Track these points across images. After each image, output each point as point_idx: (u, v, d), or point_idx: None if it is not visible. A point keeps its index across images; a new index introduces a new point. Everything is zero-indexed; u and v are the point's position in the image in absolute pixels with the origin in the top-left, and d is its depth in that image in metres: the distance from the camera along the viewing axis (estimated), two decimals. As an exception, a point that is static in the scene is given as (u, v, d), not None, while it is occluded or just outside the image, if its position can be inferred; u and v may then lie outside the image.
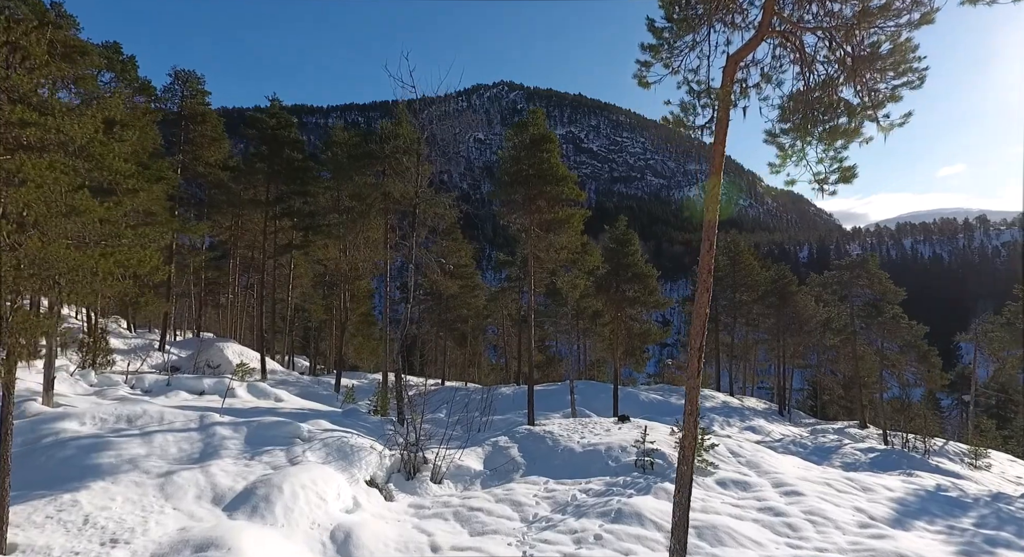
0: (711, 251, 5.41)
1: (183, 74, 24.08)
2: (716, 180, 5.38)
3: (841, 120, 5.20)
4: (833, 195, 5.67)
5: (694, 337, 5.27)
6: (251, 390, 15.98)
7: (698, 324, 5.24)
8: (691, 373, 5.22)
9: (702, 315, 5.21)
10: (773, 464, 13.62)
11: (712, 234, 5.48)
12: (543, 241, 16.34)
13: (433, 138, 17.07)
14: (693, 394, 5.22)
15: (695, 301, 5.30)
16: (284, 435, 10.88)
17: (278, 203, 24.51)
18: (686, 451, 5.38)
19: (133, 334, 27.08)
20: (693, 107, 5.80)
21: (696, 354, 5.25)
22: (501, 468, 13.10)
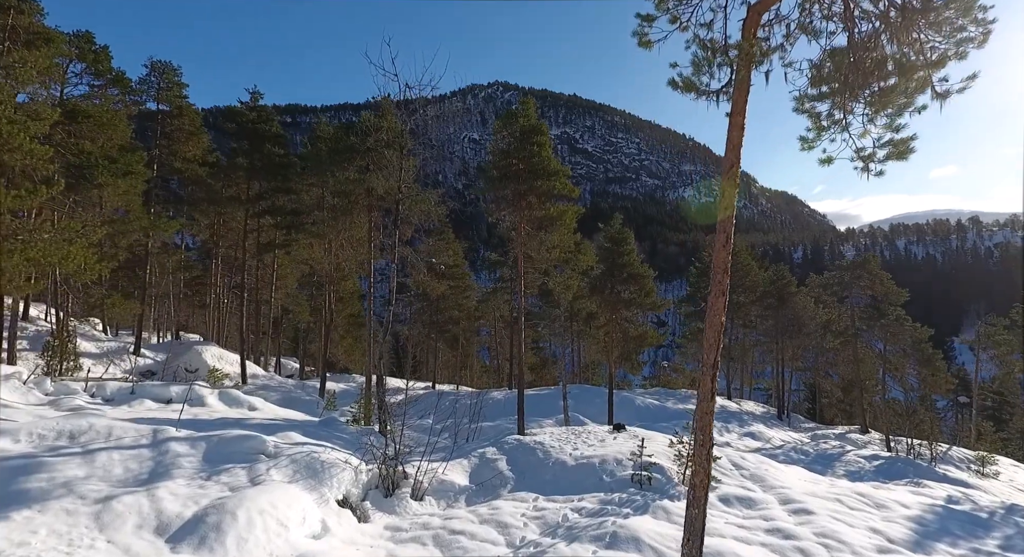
0: (728, 245, 4.51)
1: (159, 65, 23.01)
2: (734, 158, 4.49)
3: (891, 81, 4.28)
4: (880, 175, 4.77)
5: (707, 351, 4.37)
6: (223, 398, 14.98)
7: (712, 336, 4.34)
8: (703, 395, 4.34)
9: (717, 324, 4.30)
10: (779, 478, 12.76)
11: (729, 225, 4.56)
12: (534, 239, 15.44)
13: (418, 130, 16.15)
14: (705, 421, 4.34)
15: (708, 307, 4.41)
16: (247, 451, 9.92)
17: (259, 200, 23.49)
18: (696, 491, 4.47)
19: (108, 337, 25.97)
20: (708, 64, 4.81)
21: (709, 372, 4.36)
22: (488, 483, 12.17)
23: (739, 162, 4.50)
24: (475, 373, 50.66)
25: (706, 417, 4.39)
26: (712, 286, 4.47)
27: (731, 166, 4.48)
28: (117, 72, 22.40)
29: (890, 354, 25.54)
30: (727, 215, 4.58)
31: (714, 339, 4.39)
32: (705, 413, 4.39)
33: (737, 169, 4.49)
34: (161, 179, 25.10)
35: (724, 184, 4.53)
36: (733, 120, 4.60)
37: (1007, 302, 24.28)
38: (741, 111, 4.56)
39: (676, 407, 26.79)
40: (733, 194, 4.51)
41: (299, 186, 23.32)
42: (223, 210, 26.02)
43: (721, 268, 4.48)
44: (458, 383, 38.53)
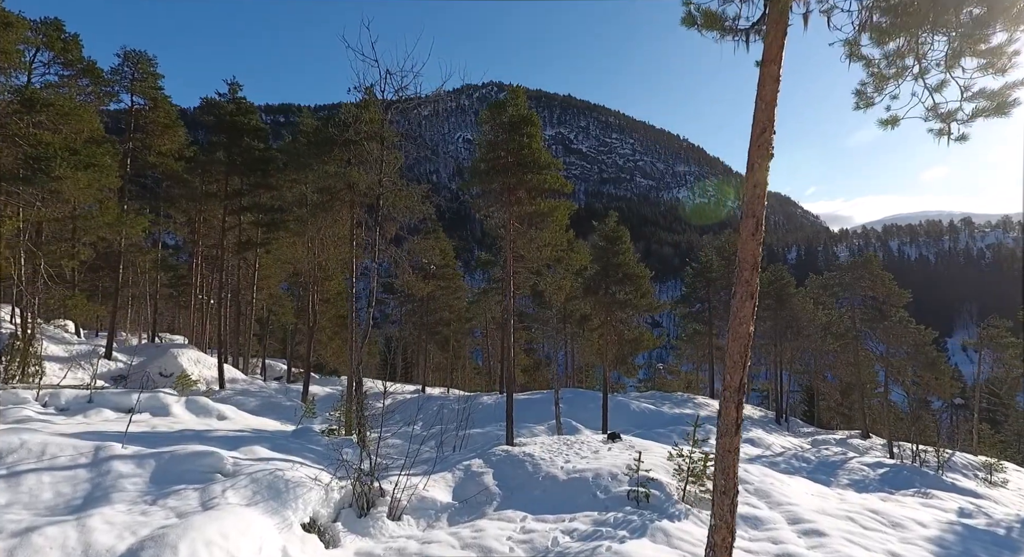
0: (758, 233, 3.59)
1: (133, 55, 21.90)
2: (767, 119, 3.55)
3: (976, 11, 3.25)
4: (962, 140, 3.82)
5: (731, 371, 3.43)
6: (190, 406, 13.97)
7: (737, 350, 3.42)
8: (726, 426, 3.43)
9: (743, 336, 3.39)
10: (785, 492, 11.89)
11: (760, 208, 3.63)
12: (524, 237, 14.52)
13: (401, 122, 15.20)
14: (728, 461, 3.44)
15: (732, 315, 3.49)
16: (201, 469, 8.94)
17: (238, 196, 22.42)
18: (718, 553, 3.57)
19: (80, 339, 24.84)
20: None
21: (734, 398, 3.43)
22: (472, 500, 11.23)
23: (772, 126, 3.55)
24: (467, 375, 49.71)
25: (729, 456, 3.50)
26: (737, 286, 3.55)
27: (763, 130, 3.55)
28: (88, 62, 21.32)
29: (892, 357, 24.81)
30: (756, 194, 3.62)
31: (739, 355, 3.47)
32: (728, 450, 3.50)
33: (771, 134, 3.56)
34: (136, 175, 24.00)
35: (754, 155, 3.59)
36: (765, 70, 3.65)
37: (1000, 303, 23.75)
38: (775, 58, 3.61)
39: (672, 412, 25.94)
40: (766, 167, 3.58)
41: (280, 182, 22.28)
42: (202, 207, 24.95)
43: (749, 263, 3.56)
44: (449, 386, 37.55)
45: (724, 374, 3.49)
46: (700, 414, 27.52)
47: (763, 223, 3.65)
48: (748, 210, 3.82)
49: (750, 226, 3.89)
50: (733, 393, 3.51)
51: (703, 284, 34.55)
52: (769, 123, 3.50)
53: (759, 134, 3.54)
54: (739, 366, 3.47)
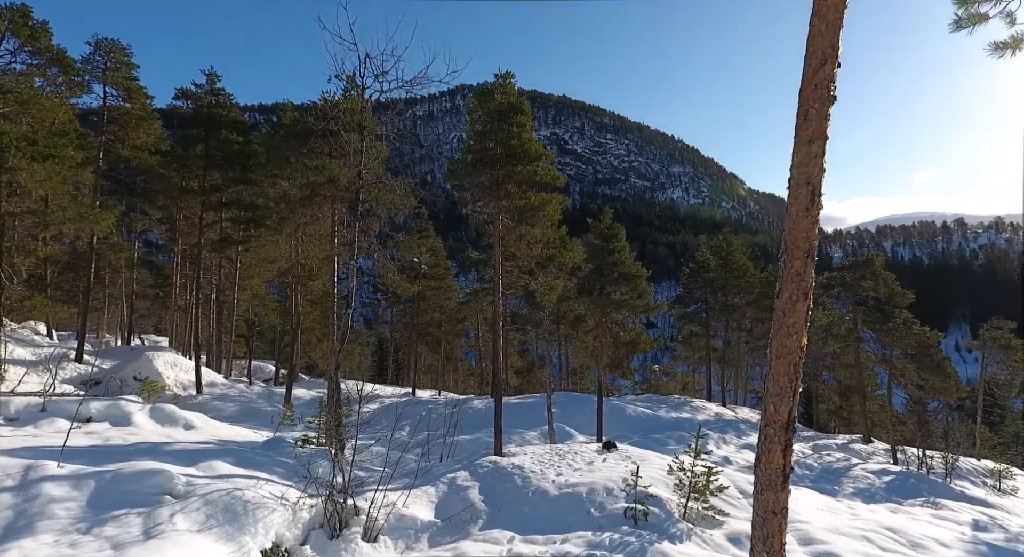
0: (814, 207, 2.60)
1: (105, 44, 20.85)
2: (829, 46, 2.55)
3: None
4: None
5: (775, 398, 2.43)
6: (154, 415, 12.98)
7: (785, 370, 2.44)
8: (768, 479, 2.47)
9: (793, 351, 2.43)
10: (794, 508, 10.96)
11: (817, 171, 2.55)
12: (514, 233, 13.64)
13: (381, 109, 14.26)
14: (773, 526, 2.54)
15: (777, 322, 2.44)
16: (148, 490, 7.99)
17: (215, 192, 21.41)
18: None
19: (52, 342, 23.75)
20: None
21: (780, 439, 2.47)
22: (456, 518, 10.33)
23: (836, 56, 2.56)
24: (460, 377, 48.76)
25: (773, 520, 2.57)
26: (783, 283, 2.61)
27: (822, 62, 2.60)
28: (57, 50, 20.28)
29: (896, 359, 24.07)
30: (812, 153, 2.63)
31: (787, 377, 2.51)
32: (772, 511, 2.57)
33: (833, 68, 2.59)
34: (110, 170, 22.94)
35: (809, 98, 2.65)
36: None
37: (993, 304, 23.20)
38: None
39: (669, 416, 25.12)
40: (826, 114, 2.65)
41: (261, 177, 21.30)
42: (181, 204, 23.92)
43: (802, 250, 2.60)
44: (440, 388, 36.59)
45: (765, 403, 2.57)
46: (698, 418, 26.81)
47: (821, 193, 2.73)
48: (800, 176, 2.79)
49: (803, 197, 2.79)
50: (779, 431, 2.56)
51: (700, 284, 33.78)
52: (832, 52, 2.57)
53: (817, 68, 2.60)
54: (787, 393, 2.53)
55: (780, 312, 2.47)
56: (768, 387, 2.47)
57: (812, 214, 2.88)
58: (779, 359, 2.49)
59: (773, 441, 2.54)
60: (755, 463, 2.48)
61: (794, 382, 2.53)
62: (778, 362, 2.51)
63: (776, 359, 2.49)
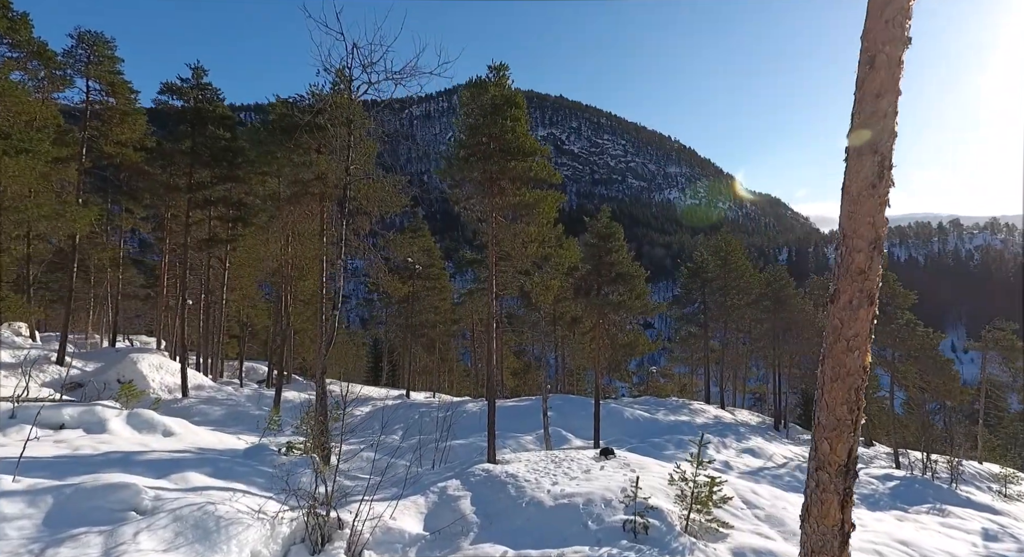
0: (882, 184, 1.99)
1: (88, 36, 20.23)
2: None
3: None
4: None
5: (831, 433, 1.73)
6: (132, 421, 12.41)
7: (843, 396, 1.77)
8: (819, 539, 1.92)
9: (855, 371, 1.78)
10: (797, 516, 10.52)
11: (887, 137, 1.86)
12: (508, 231, 13.13)
13: (375, 108, 13.74)
14: None
15: (832, 335, 1.72)
16: (112, 506, 7.45)
17: (201, 189, 20.80)
18: None
19: (34, 343, 23.10)
20: None
21: (836, 484, 1.75)
22: (446, 530, 9.79)
23: None
24: (456, 378, 48.21)
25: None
26: (840, 284, 1.93)
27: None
28: (38, 43, 19.66)
29: (898, 361, 23.64)
30: (879, 111, 1.98)
31: (847, 406, 1.81)
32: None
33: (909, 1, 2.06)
34: (95, 167, 22.30)
35: (877, 39, 2.01)
36: None
37: (988, 304, 22.85)
38: None
39: (668, 419, 24.65)
40: (898, 59, 2.02)
41: (249, 175, 20.71)
42: (168, 202, 23.27)
43: (867, 240, 1.94)
44: (435, 390, 36.03)
45: (816, 439, 1.94)
46: (697, 421, 26.35)
47: (891, 164, 2.16)
48: (863, 142, 2.19)
49: (867, 170, 2.14)
50: (836, 476, 1.92)
51: (698, 285, 33.33)
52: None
53: (884, 3, 2.04)
54: (846, 427, 1.85)
55: (836, 321, 1.90)
56: (819, 418, 1.90)
57: (880, 192, 2.21)
58: (835, 383, 1.95)
59: (827, 489, 1.95)
60: (802, 516, 1.92)
61: (856, 413, 1.90)
62: (834, 387, 1.96)
63: (831, 383, 1.90)
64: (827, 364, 1.82)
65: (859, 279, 1.96)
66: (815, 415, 1.83)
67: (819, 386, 1.82)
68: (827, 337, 1.79)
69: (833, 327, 1.82)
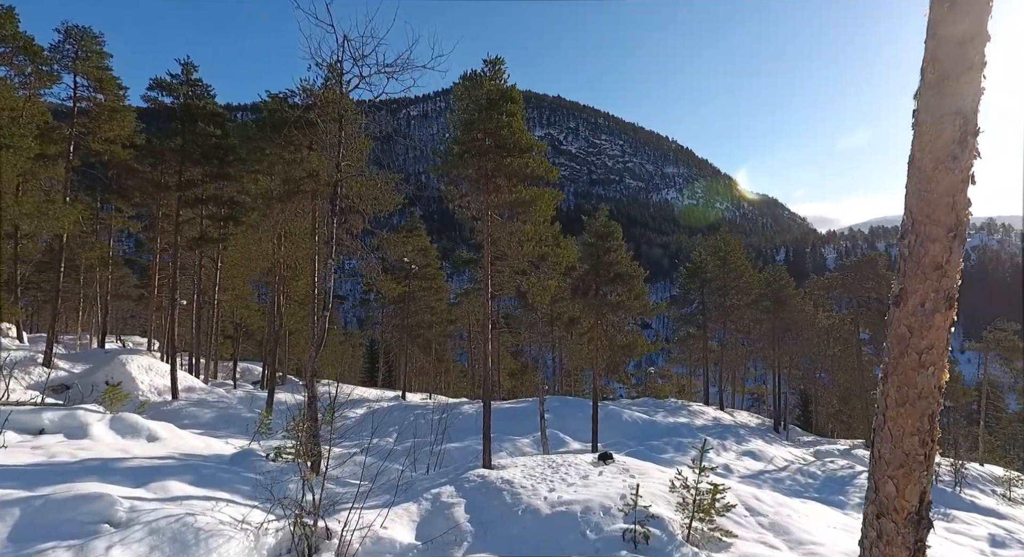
0: (964, 157, 1.62)
1: (75, 31, 19.81)
2: None
3: None
4: None
5: (894, 472, 1.23)
6: (115, 425, 12.01)
7: (913, 425, 1.30)
8: None
9: (928, 393, 1.38)
10: (805, 527, 10.23)
11: (974, 95, 1.64)
12: (504, 229, 12.77)
13: (373, 110, 13.36)
14: None
15: (896, 346, 1.47)
16: (84, 518, 7.07)
17: (190, 187, 20.39)
18: None
19: (21, 344, 22.65)
20: None
21: (906, 535, 1.43)
22: (439, 540, 9.44)
23: None
24: (453, 380, 47.80)
25: None
26: (908, 279, 1.41)
27: None
28: (24, 38, 19.25)
29: (899, 362, 23.32)
30: (966, 63, 1.52)
31: (918, 440, 1.25)
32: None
33: None
34: (84, 165, 21.87)
35: None
36: None
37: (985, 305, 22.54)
38: None
39: (667, 421, 24.32)
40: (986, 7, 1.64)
41: (240, 173, 20.29)
42: (160, 201, 22.84)
43: (945, 226, 1.67)
44: (431, 391, 35.64)
45: (875, 478, 1.42)
46: (696, 423, 26.02)
47: (977, 130, 1.70)
48: (939, 103, 1.71)
49: (946, 138, 1.68)
50: (904, 526, 1.42)
51: (697, 285, 33.02)
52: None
53: None
54: (917, 464, 1.51)
55: (903, 329, 1.46)
56: (881, 452, 1.45)
57: (962, 165, 1.72)
58: (903, 408, 1.50)
59: (893, 542, 1.42)
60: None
61: (929, 445, 1.56)
62: (901, 413, 1.51)
63: (897, 408, 1.52)
64: (891, 384, 1.41)
65: (934, 276, 1.53)
66: (874, 448, 1.45)
67: (879, 411, 1.44)
68: (890, 350, 1.41)
69: (899, 336, 1.42)
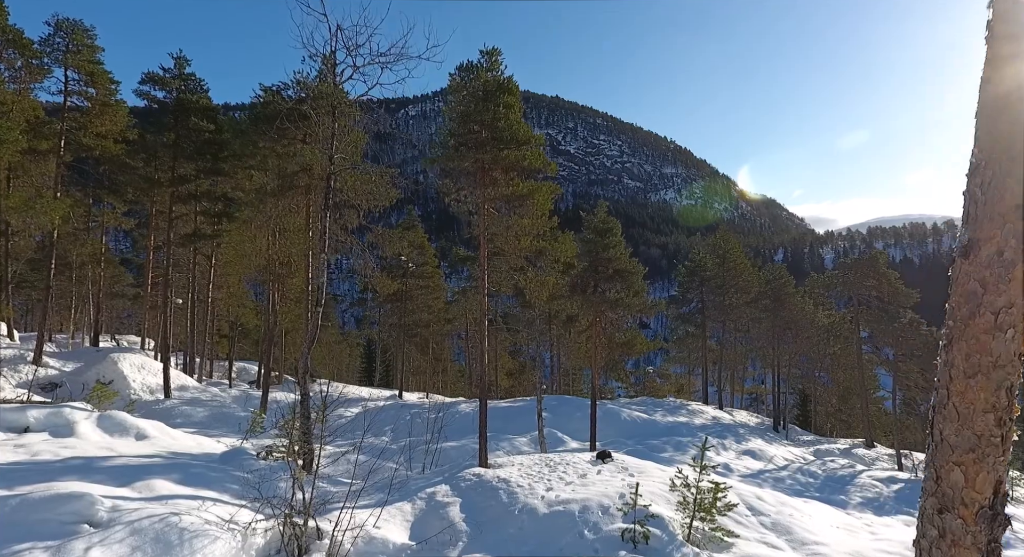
0: None
1: (66, 24, 19.51)
2: None
3: None
4: None
5: (962, 454, 1.07)
6: (103, 423, 11.75)
7: (984, 400, 0.95)
8: None
9: (1006, 361, 1.11)
10: (807, 526, 10.00)
11: None
12: (500, 223, 12.53)
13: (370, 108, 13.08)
14: None
15: (965, 305, 1.26)
16: (63, 518, 6.81)
17: (183, 183, 20.10)
18: None
19: (11, 343, 22.33)
20: None
21: (974, 536, 1.16)
22: (433, 540, 9.19)
23: None
24: (450, 379, 47.53)
25: None
26: (981, 226, 1.08)
27: None
28: (14, 30, 18.95)
29: (900, 360, 23.15)
30: None
31: (994, 418, 1.18)
32: None
33: None
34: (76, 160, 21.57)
35: None
36: None
37: None
38: None
39: (666, 420, 24.10)
40: None
41: (234, 169, 20.01)
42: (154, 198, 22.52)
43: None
44: (428, 391, 35.37)
45: (935, 463, 1.06)
46: (695, 422, 25.78)
47: None
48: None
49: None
50: (974, 522, 1.09)
51: (696, 284, 32.83)
52: None
53: None
54: (992, 446, 1.18)
55: (974, 285, 1.10)
56: (942, 434, 1.12)
57: None
58: (974, 379, 1.20)
59: (961, 543, 1.12)
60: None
61: (1007, 425, 1.25)
62: (971, 386, 1.21)
63: (965, 379, 1.21)
64: (957, 352, 1.10)
65: (1014, 216, 1.28)
66: (933, 429, 1.16)
67: (941, 385, 1.15)
68: (955, 311, 1.12)
69: (968, 294, 1.11)
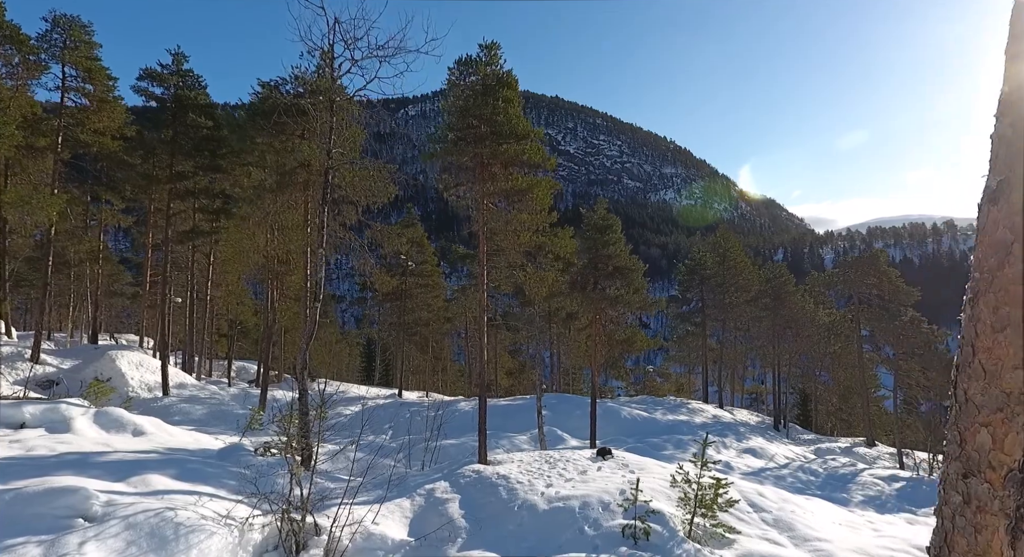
0: None
1: (63, 20, 19.42)
2: None
3: None
4: None
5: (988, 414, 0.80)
6: (100, 420, 11.67)
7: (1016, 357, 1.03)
8: None
9: None
10: (809, 523, 9.93)
11: None
12: (499, 218, 12.46)
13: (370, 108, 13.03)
14: None
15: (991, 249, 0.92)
16: (58, 512, 6.72)
17: (181, 179, 20.01)
18: None
19: (9, 340, 22.25)
20: None
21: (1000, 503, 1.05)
22: (432, 536, 9.12)
23: None
24: (450, 378, 47.44)
25: None
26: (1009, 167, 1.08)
27: None
28: (11, 26, 18.85)
29: (901, 359, 23.07)
30: None
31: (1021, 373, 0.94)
32: None
33: None
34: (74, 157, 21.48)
35: None
36: None
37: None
38: None
39: (666, 418, 24.02)
40: None
41: (232, 165, 19.92)
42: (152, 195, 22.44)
43: None
44: (428, 390, 35.30)
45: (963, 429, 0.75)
46: (696, 421, 25.71)
47: None
48: None
49: None
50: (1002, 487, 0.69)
51: (696, 282, 32.77)
52: None
53: None
54: (1022, 407, 0.99)
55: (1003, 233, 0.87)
56: (967, 394, 0.96)
57: None
58: (1002, 334, 1.05)
59: (987, 509, 0.98)
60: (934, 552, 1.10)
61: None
62: (999, 341, 1.06)
63: (993, 333, 1.07)
64: (984, 305, 0.97)
65: None
66: (957, 390, 1.06)
67: (965, 343, 1.03)
68: (981, 263, 1.00)
69: (997, 243, 0.96)
